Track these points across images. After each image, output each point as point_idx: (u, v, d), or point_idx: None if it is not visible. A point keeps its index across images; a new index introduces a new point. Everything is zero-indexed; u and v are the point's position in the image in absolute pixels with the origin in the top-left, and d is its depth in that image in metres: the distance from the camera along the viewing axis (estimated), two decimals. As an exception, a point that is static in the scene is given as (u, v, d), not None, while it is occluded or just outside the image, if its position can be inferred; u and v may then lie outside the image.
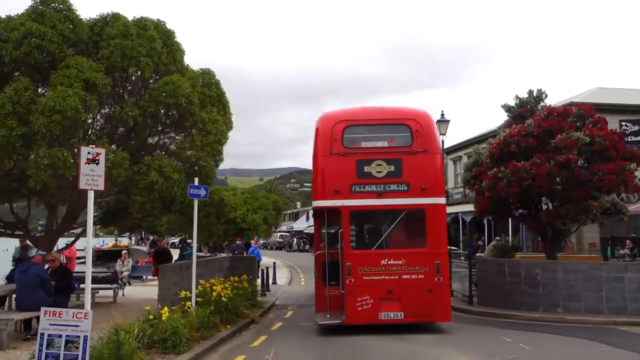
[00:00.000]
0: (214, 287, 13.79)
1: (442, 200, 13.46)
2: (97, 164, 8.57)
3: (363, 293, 12.85)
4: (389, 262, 12.94)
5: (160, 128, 15.12)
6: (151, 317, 10.52)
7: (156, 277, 19.78)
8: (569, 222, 16.28)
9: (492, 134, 36.98)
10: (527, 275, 16.09)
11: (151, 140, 15.56)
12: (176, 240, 51.88)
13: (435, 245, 13.05)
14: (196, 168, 15.47)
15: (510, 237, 30.69)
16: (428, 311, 12.79)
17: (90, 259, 8.71)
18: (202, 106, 14.84)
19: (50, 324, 7.94)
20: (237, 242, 28.46)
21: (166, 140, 16.07)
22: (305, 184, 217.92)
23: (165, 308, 10.73)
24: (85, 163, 8.45)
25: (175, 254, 24.32)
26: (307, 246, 69.16)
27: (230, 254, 22.72)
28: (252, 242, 29.23)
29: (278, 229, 72.65)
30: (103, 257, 48.55)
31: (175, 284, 13.24)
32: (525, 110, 18.90)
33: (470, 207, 36.86)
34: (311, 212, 71.84)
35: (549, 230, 17.40)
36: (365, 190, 13.31)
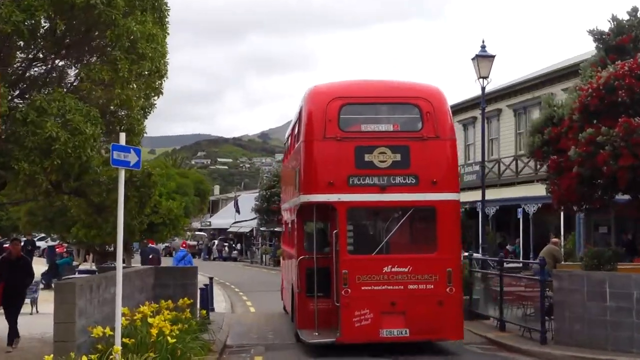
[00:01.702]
0: (150, 320, 13.21)
1: (455, 196, 15.76)
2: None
3: (361, 306, 14.94)
4: (393, 270, 15.14)
5: (55, 49, 13.78)
6: (57, 376, 9.93)
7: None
8: None
9: (527, 83, 36.39)
10: (640, 298, 15.67)
11: (37, 69, 14.34)
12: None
13: (447, 250, 15.37)
14: (108, 117, 14.42)
15: (562, 237, 30.23)
16: (438, 327, 15.13)
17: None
18: (127, 12, 13.44)
19: None
20: (150, 244, 28.36)
21: (56, 70, 14.73)
22: (220, 159, 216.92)
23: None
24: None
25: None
26: (235, 252, 68.33)
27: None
28: (182, 245, 28.29)
29: (187, 226, 71.53)
30: None
31: (82, 314, 12.49)
32: (628, 38, 18.14)
33: (491, 195, 36.61)
34: (240, 200, 72.15)
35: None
36: (365, 183, 15.38)
